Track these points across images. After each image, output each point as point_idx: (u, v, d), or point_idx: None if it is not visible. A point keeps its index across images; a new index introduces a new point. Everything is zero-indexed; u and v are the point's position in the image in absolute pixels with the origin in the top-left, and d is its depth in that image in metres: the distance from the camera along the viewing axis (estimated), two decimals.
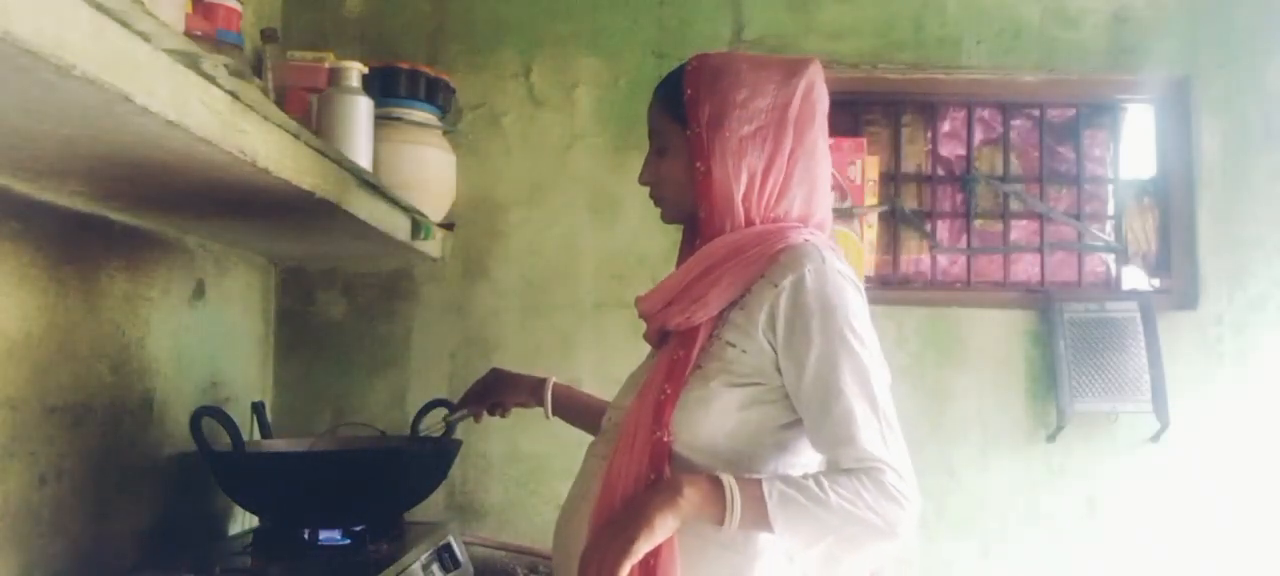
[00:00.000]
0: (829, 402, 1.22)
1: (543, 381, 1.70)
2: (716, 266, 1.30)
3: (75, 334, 1.55)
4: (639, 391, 1.34)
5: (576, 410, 1.69)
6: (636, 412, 1.30)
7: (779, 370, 1.26)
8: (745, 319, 1.29)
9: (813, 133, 1.35)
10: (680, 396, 1.28)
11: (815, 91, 1.36)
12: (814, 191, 1.37)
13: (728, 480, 1.18)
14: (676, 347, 1.32)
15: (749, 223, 1.32)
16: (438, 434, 1.86)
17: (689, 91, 1.35)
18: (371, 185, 1.75)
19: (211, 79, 1.12)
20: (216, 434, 1.70)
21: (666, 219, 1.44)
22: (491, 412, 1.76)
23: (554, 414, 1.69)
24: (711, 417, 1.27)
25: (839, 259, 1.31)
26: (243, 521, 2.13)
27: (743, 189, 1.32)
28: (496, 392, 1.74)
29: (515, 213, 2.44)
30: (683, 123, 1.35)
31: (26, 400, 1.44)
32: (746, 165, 1.32)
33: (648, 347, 1.47)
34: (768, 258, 1.29)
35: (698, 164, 1.33)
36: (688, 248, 1.43)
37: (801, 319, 1.25)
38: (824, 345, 1.23)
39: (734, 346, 1.28)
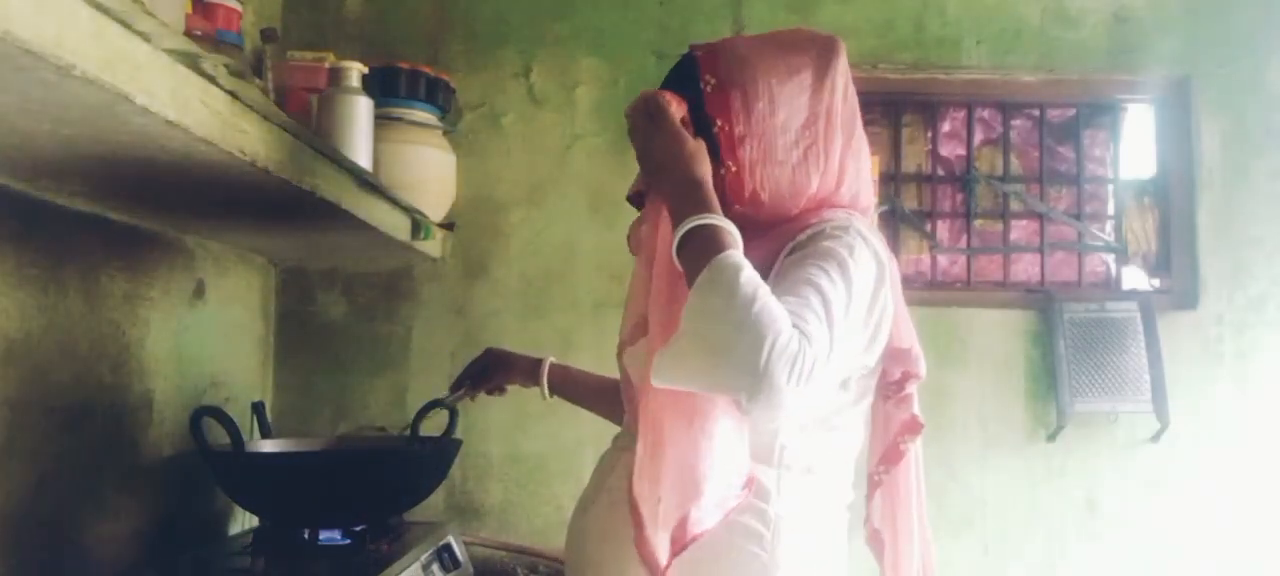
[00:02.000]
0: (795, 281, 1.12)
1: (539, 361, 1.70)
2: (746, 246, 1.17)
3: (75, 334, 1.55)
4: None
5: (576, 389, 1.69)
6: None
7: None
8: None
9: (853, 120, 1.30)
10: None
11: (846, 75, 1.31)
12: (859, 177, 1.30)
13: (706, 221, 1.10)
14: None
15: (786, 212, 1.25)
16: (446, 400, 1.80)
17: (711, 83, 1.25)
18: (371, 185, 1.75)
19: (211, 79, 1.12)
20: (216, 434, 1.70)
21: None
22: (490, 393, 1.77)
23: (553, 393, 1.69)
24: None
25: (876, 238, 1.25)
26: (243, 521, 2.13)
27: (780, 186, 1.25)
28: (493, 374, 1.75)
29: (515, 212, 2.44)
30: (704, 121, 1.24)
31: (26, 400, 1.44)
32: (784, 163, 1.24)
33: None
34: (799, 229, 1.23)
35: (728, 164, 1.24)
36: None
37: (802, 250, 1.18)
38: (814, 257, 1.15)
39: None
